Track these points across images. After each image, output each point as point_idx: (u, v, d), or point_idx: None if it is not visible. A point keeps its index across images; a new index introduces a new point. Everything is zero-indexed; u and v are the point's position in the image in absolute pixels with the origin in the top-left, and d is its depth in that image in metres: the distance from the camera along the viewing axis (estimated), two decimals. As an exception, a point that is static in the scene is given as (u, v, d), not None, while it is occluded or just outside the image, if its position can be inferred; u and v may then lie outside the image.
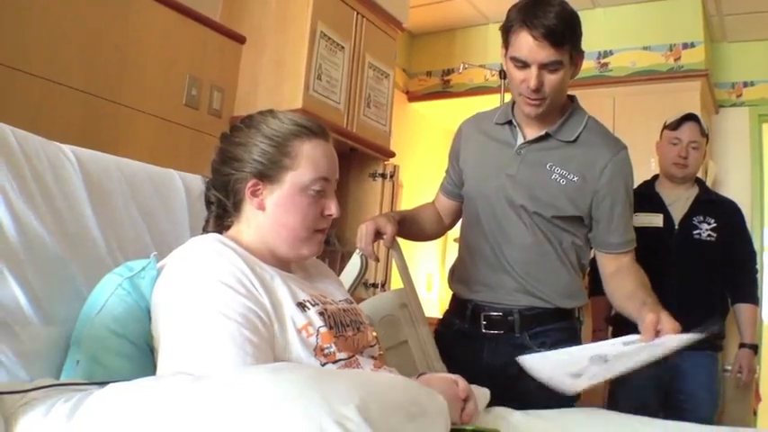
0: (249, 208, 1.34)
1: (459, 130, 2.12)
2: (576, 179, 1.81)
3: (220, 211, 1.39)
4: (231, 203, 1.36)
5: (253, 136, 1.34)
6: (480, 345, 1.91)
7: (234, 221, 1.37)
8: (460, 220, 2.12)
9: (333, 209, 1.36)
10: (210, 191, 1.40)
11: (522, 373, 1.59)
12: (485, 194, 1.93)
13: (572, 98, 1.93)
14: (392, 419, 0.85)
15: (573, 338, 1.90)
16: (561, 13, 1.70)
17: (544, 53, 1.69)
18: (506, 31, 1.78)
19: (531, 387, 1.57)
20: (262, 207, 1.32)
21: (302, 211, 1.32)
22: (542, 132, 1.86)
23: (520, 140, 1.89)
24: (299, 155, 1.31)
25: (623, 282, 1.83)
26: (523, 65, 1.73)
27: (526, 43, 1.70)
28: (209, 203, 1.42)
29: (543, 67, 1.72)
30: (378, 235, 1.84)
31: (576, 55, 1.78)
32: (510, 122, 1.93)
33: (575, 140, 1.85)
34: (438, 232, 2.22)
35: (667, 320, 1.54)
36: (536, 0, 1.73)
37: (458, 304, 2.02)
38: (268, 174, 1.31)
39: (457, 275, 2.04)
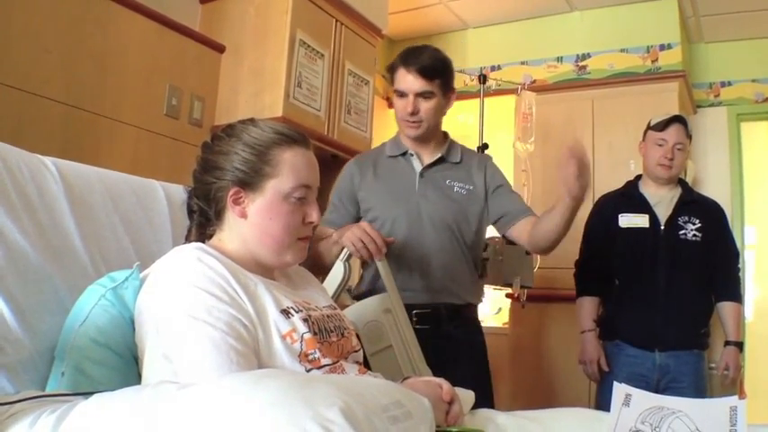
0: (231, 216, 1.35)
1: (347, 168, 2.37)
2: (471, 188, 2.26)
3: (203, 220, 1.40)
4: (213, 212, 1.36)
5: (234, 145, 1.35)
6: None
7: (216, 230, 1.38)
8: None
9: (314, 216, 1.37)
10: (192, 200, 1.41)
11: (445, 360, 1.92)
12: (398, 216, 2.20)
13: (446, 134, 2.36)
14: (376, 422, 0.86)
15: (479, 329, 2.33)
16: (433, 56, 2.17)
17: (417, 84, 2.14)
18: (391, 72, 2.22)
19: (457, 375, 1.60)
20: (244, 215, 1.33)
21: (284, 218, 1.33)
22: (438, 156, 2.27)
23: (418, 167, 2.26)
24: (279, 163, 1.32)
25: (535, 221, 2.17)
26: (402, 94, 2.17)
27: (404, 78, 2.15)
28: (191, 212, 1.43)
29: (418, 95, 2.15)
30: None
31: (448, 90, 2.22)
32: (405, 153, 2.29)
33: (459, 162, 2.31)
34: None
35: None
36: (414, 47, 2.21)
37: None
38: (249, 182, 1.32)
39: None
